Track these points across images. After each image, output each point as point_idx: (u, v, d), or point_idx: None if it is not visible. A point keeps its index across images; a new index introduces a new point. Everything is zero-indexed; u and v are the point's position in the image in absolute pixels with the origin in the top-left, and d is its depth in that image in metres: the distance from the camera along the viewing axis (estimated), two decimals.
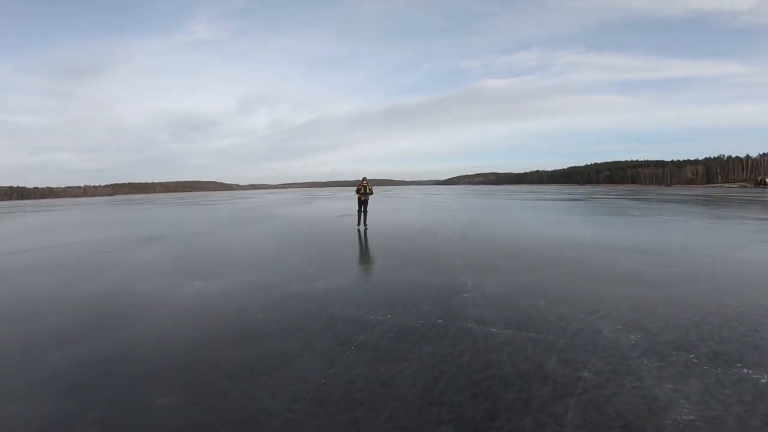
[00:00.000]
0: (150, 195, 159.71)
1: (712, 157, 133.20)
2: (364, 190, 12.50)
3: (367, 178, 12.64)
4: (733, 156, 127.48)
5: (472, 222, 13.84)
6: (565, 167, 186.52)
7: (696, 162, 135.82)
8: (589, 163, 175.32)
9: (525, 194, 44.99)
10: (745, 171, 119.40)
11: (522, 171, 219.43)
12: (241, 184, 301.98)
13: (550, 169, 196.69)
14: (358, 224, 12.36)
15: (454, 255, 7.55)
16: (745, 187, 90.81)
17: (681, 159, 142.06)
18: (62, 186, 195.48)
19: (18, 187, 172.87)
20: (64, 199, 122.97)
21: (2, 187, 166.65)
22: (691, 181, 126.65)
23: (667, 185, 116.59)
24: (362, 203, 12.44)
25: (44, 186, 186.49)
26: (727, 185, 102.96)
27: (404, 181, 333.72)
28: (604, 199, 31.33)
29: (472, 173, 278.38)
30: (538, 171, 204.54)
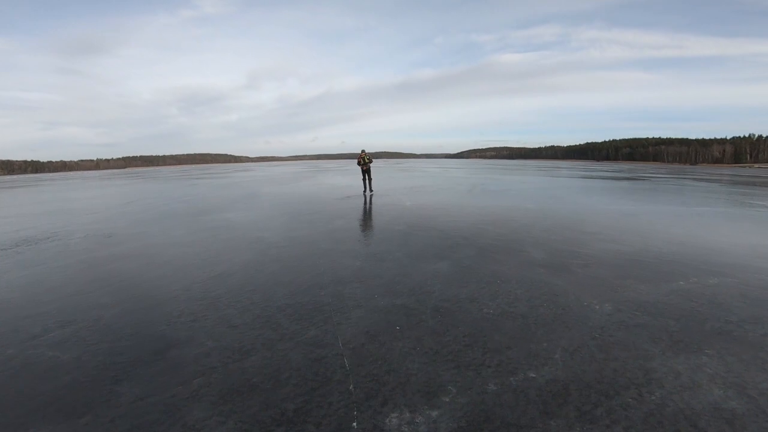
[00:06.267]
0: (158, 168, 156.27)
1: (741, 136, 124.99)
2: (364, 161, 13.77)
3: (366, 150, 13.68)
4: (764, 135, 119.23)
5: (548, 215, 9.03)
6: (582, 143, 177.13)
7: (723, 141, 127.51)
8: (606, 140, 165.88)
9: (553, 170, 39.47)
10: None
11: (536, 146, 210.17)
12: (251, 156, 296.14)
13: (564, 145, 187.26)
14: (364, 191, 13.86)
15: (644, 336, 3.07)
16: None
17: (707, 138, 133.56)
18: (75, 160, 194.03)
19: (32, 161, 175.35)
20: (73, 173, 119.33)
21: (17, 161, 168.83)
22: (717, 161, 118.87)
23: (691, 164, 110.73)
24: (365, 172, 14.01)
25: (57, 160, 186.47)
26: (757, 165, 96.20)
27: (414, 154, 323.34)
28: (654, 178, 26.17)
29: (484, 147, 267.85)
30: (552, 146, 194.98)
